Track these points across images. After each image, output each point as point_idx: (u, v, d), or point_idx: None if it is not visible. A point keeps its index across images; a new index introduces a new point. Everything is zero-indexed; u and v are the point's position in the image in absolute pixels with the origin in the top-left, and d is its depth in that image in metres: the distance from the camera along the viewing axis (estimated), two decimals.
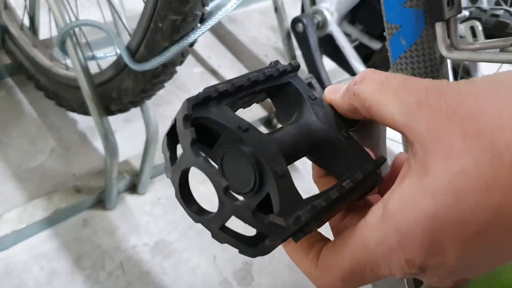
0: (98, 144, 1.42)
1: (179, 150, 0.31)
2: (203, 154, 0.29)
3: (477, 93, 0.27)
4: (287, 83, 0.39)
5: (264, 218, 0.29)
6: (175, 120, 0.31)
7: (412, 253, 0.28)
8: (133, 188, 1.37)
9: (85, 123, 1.47)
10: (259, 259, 1.29)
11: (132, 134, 1.45)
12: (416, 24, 0.61)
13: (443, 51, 0.60)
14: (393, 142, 0.73)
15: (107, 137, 1.16)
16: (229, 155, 0.33)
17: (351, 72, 1.42)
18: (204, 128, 0.33)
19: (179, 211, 1.33)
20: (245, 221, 0.29)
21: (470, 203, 0.26)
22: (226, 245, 0.31)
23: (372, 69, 0.33)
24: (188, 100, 0.31)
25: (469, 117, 0.27)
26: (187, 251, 1.28)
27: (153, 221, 1.32)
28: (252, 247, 0.31)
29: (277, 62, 0.39)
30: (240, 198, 0.31)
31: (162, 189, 1.39)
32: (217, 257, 1.28)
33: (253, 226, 0.29)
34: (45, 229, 1.25)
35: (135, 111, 1.24)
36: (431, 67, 0.62)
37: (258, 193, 0.32)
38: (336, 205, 0.32)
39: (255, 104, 0.40)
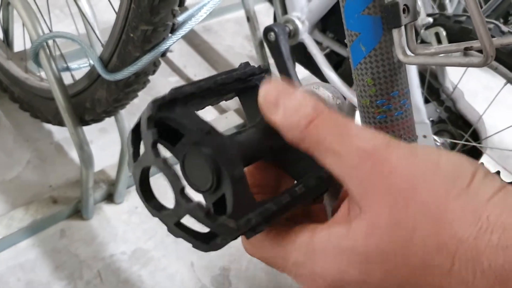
0: (74, 154, 1.43)
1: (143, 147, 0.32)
2: (163, 156, 0.31)
3: (413, 171, 0.29)
4: (254, 86, 0.40)
5: (217, 219, 0.31)
6: (140, 119, 0.33)
7: None
8: (109, 197, 1.38)
9: (61, 134, 1.48)
10: (236, 264, 1.30)
11: (108, 144, 1.46)
12: (374, 30, 0.64)
13: (400, 56, 0.62)
14: None
15: (82, 147, 1.17)
16: (190, 155, 0.34)
17: (323, 79, 1.45)
18: (169, 126, 0.34)
19: (156, 219, 1.33)
20: (199, 221, 0.31)
21: (374, 279, 0.30)
22: (204, 252, 0.33)
23: (327, 110, 0.32)
24: (153, 101, 0.33)
25: (398, 197, 0.29)
26: (165, 258, 1.29)
27: (130, 230, 1.33)
28: (205, 243, 0.32)
29: (247, 64, 0.39)
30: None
31: (139, 198, 1.40)
32: (195, 264, 1.29)
33: (206, 226, 0.31)
34: (22, 240, 1.25)
35: (111, 122, 1.25)
36: (389, 71, 0.65)
37: (215, 193, 0.33)
38: (287, 208, 0.34)
39: (232, 111, 0.41)
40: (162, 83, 1.73)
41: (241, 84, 0.39)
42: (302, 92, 0.33)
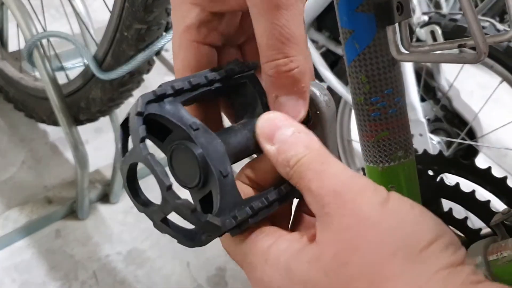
0: (69, 154, 1.42)
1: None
2: (150, 152, 0.30)
3: (372, 220, 0.30)
4: (244, 83, 0.39)
5: (202, 217, 0.30)
6: (129, 114, 0.32)
7: None
8: (105, 197, 1.37)
9: (56, 134, 1.47)
10: (232, 264, 1.30)
11: (103, 144, 1.45)
12: (368, 28, 0.63)
13: (394, 53, 0.62)
14: None
15: (77, 147, 1.16)
16: (178, 151, 0.34)
17: (319, 78, 1.45)
18: (158, 121, 0.34)
19: None
20: (185, 218, 0.30)
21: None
22: (200, 252, 0.33)
23: (316, 148, 0.33)
24: (142, 96, 0.32)
25: (350, 247, 0.29)
26: (161, 258, 1.29)
27: (126, 230, 1.32)
28: (190, 240, 0.32)
29: (236, 61, 0.39)
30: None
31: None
32: (190, 264, 1.28)
33: (191, 223, 0.31)
34: (17, 241, 1.25)
35: (106, 121, 1.25)
36: (383, 69, 0.64)
37: (202, 190, 0.33)
38: (273, 205, 0.34)
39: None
40: (157, 82, 1.71)
41: (230, 81, 0.38)
42: (298, 127, 0.34)
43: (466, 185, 0.59)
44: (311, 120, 0.40)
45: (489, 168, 0.60)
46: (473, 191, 0.57)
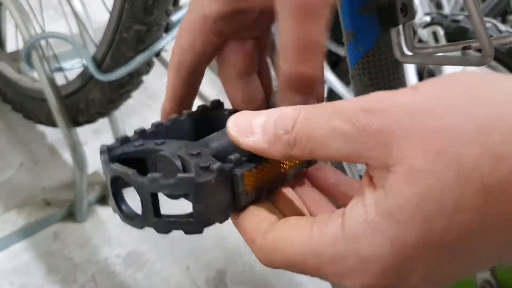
0: (68, 156, 1.41)
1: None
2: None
3: (427, 105, 0.25)
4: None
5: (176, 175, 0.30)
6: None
7: (372, 278, 0.26)
8: (104, 199, 1.36)
9: (55, 135, 1.46)
10: (232, 266, 1.29)
11: None
12: (371, 30, 0.62)
13: (398, 55, 0.61)
14: None
15: (75, 148, 1.15)
16: (155, 166, 0.34)
17: None
18: (135, 162, 0.34)
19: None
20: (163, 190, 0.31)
21: (438, 228, 0.24)
22: (199, 254, 0.33)
23: (295, 109, 0.29)
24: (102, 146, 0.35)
25: (429, 134, 0.24)
26: (160, 261, 1.28)
27: (124, 233, 1.31)
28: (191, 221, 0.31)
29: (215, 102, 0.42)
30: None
31: (133, 200, 1.39)
32: (190, 267, 1.27)
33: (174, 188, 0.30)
34: (15, 243, 1.24)
35: (105, 123, 1.24)
36: (387, 71, 0.64)
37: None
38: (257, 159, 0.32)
39: None
40: (157, 83, 1.71)
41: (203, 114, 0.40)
42: (272, 110, 0.30)
43: None
44: None
45: None
46: None
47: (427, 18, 1.10)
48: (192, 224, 0.31)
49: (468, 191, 0.24)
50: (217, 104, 0.42)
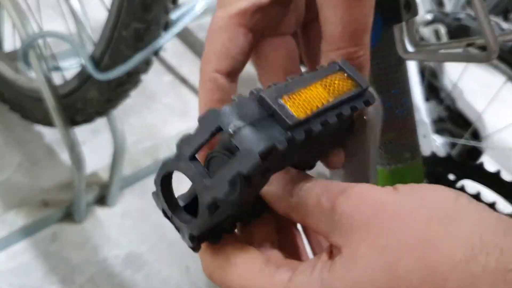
0: (66, 156, 1.40)
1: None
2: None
3: (395, 208, 0.27)
4: None
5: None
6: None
7: None
8: (102, 200, 1.35)
9: (53, 135, 1.45)
10: None
11: (101, 145, 1.43)
12: (375, 27, 0.61)
13: (401, 52, 0.60)
14: None
15: (73, 148, 1.14)
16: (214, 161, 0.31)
17: None
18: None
19: (150, 223, 1.31)
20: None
21: None
22: (198, 255, 0.31)
23: (305, 180, 0.31)
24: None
25: (382, 232, 0.27)
26: (159, 262, 1.27)
27: (123, 233, 1.30)
28: None
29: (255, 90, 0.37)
30: None
31: (132, 200, 1.38)
32: (190, 268, 1.26)
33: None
34: (13, 244, 1.23)
35: (103, 122, 1.23)
36: (390, 69, 0.63)
37: None
38: None
39: None
40: (156, 83, 1.70)
41: None
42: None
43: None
44: (354, 125, 0.37)
45: (498, 171, 0.59)
46: (479, 193, 0.55)
47: (429, 16, 1.10)
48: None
49: None
50: None
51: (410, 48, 0.61)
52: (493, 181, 0.61)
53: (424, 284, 0.25)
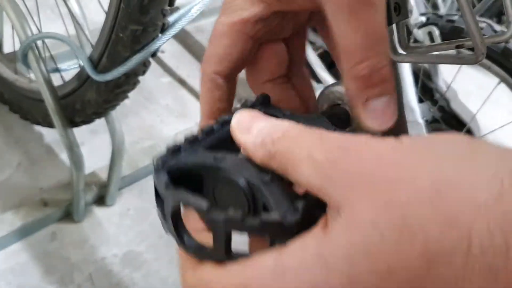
0: (65, 156, 1.41)
1: None
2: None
3: (399, 156, 0.24)
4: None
5: (259, 217, 0.27)
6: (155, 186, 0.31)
7: None
8: (101, 199, 1.36)
9: (52, 136, 1.46)
10: None
11: (99, 145, 1.44)
12: None
13: (391, 54, 0.61)
14: None
15: (72, 149, 1.15)
16: (218, 189, 0.31)
17: (317, 79, 1.44)
18: (188, 177, 0.31)
19: (148, 222, 1.32)
20: (239, 228, 0.27)
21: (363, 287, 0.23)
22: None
23: (291, 125, 0.29)
24: (156, 159, 0.31)
25: (384, 184, 0.23)
26: (157, 261, 1.28)
27: (122, 232, 1.31)
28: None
29: (246, 100, 0.37)
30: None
31: (131, 200, 1.39)
32: None
33: (249, 228, 0.27)
34: (12, 244, 1.24)
35: (102, 123, 1.24)
36: None
37: (255, 208, 0.30)
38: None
39: None
40: (154, 84, 1.71)
41: None
42: (278, 119, 0.30)
43: None
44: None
45: None
46: None
47: (423, 19, 1.11)
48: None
49: (408, 254, 0.22)
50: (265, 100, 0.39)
51: (400, 50, 0.63)
52: None
53: (444, 237, 0.21)
